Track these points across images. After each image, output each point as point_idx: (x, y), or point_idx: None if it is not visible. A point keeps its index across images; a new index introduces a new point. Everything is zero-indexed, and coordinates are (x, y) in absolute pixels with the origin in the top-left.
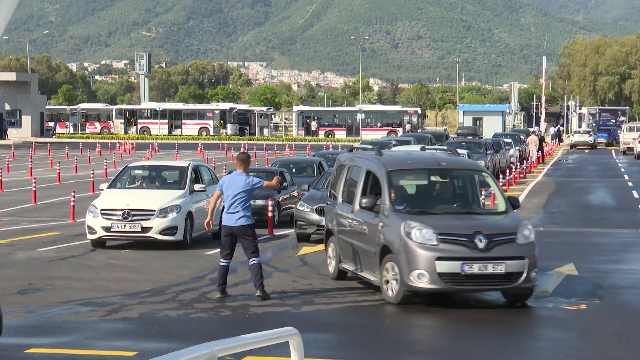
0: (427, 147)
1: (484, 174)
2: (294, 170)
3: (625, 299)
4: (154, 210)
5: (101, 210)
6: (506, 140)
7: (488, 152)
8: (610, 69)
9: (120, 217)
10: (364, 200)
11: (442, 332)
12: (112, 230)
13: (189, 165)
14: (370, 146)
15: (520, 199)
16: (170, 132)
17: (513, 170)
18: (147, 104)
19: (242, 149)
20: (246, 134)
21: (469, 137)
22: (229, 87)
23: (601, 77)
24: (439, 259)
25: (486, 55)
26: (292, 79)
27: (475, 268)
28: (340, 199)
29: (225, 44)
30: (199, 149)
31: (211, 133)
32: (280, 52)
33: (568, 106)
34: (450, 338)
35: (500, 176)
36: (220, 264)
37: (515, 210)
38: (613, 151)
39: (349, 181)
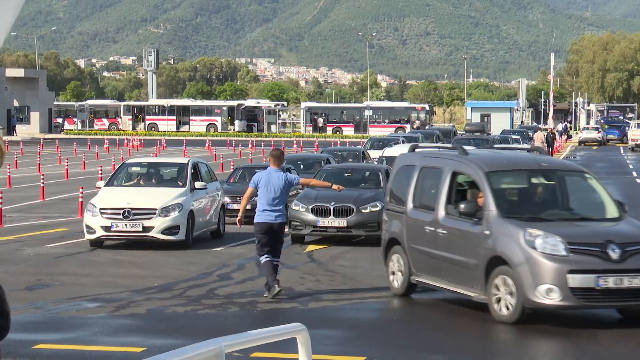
0: (420, 145)
1: (587, 175)
2: (301, 166)
3: None
4: (156, 209)
5: (100, 209)
6: (514, 136)
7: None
8: (618, 66)
9: (121, 216)
10: (464, 206)
11: (450, 329)
12: (112, 229)
13: (188, 162)
14: (432, 145)
15: None
16: (178, 128)
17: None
18: (155, 101)
19: (249, 146)
20: (254, 130)
21: (476, 134)
22: (236, 83)
23: (609, 74)
24: (571, 271)
25: (494, 52)
26: (300, 76)
27: (611, 282)
28: (410, 204)
29: (233, 40)
30: (206, 145)
31: (219, 130)
32: (288, 49)
33: (576, 103)
34: (459, 335)
35: None
36: (264, 260)
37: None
38: (621, 148)
39: (424, 184)
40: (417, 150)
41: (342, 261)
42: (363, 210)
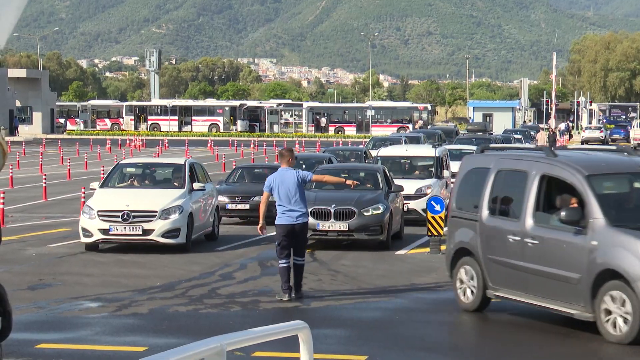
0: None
1: None
2: (303, 166)
3: None
4: (156, 212)
5: (98, 211)
6: (516, 136)
7: None
8: (620, 65)
9: (120, 219)
10: (567, 213)
11: (451, 328)
12: (110, 232)
13: (185, 162)
14: (501, 145)
15: None
16: (180, 128)
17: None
18: (157, 101)
19: (252, 146)
20: (256, 130)
21: (479, 133)
22: (239, 83)
23: (612, 73)
24: None
25: (496, 52)
26: (302, 76)
27: None
28: (485, 211)
29: (235, 40)
30: (209, 145)
31: (221, 130)
32: (290, 49)
33: (578, 102)
34: (460, 333)
35: None
36: (282, 265)
37: None
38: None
39: (502, 189)
40: (487, 151)
41: (345, 261)
42: (365, 213)
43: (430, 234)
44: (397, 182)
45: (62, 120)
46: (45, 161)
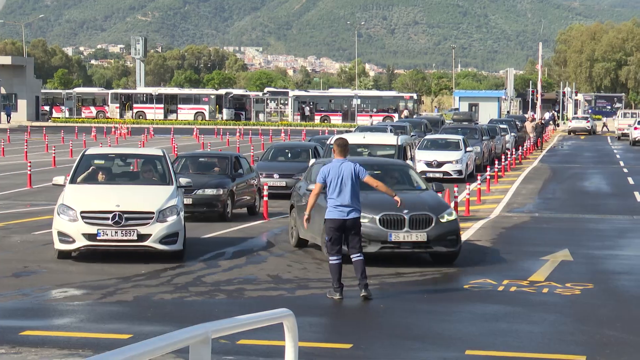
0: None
1: None
2: (289, 155)
3: (620, 284)
4: (153, 213)
5: (82, 212)
6: (502, 126)
7: (484, 138)
8: (606, 56)
9: (110, 222)
10: None
11: (437, 316)
12: (98, 238)
13: (164, 153)
14: None
15: (516, 184)
16: (166, 116)
17: (508, 156)
18: (142, 89)
19: (237, 134)
20: (242, 118)
21: (464, 123)
22: (224, 72)
23: (597, 64)
24: None
25: (482, 42)
26: (288, 64)
27: None
28: None
29: (221, 28)
30: (194, 133)
31: (207, 118)
32: (277, 37)
33: (564, 92)
34: (445, 322)
35: (496, 162)
36: (332, 262)
37: None
38: (609, 137)
39: None
40: None
41: None
42: (441, 220)
43: None
44: None
45: (47, 108)
46: (30, 149)
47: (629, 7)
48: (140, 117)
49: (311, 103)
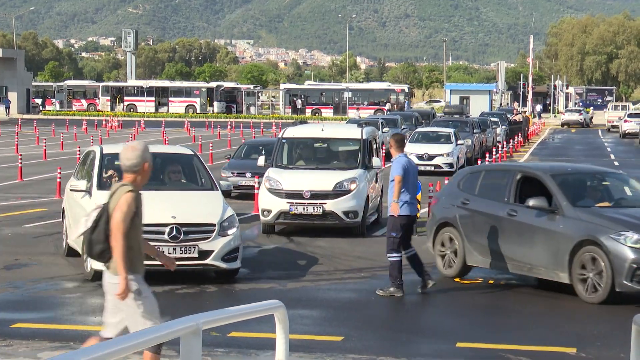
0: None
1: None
2: (262, 152)
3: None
4: (214, 225)
5: None
6: (493, 119)
7: (475, 131)
8: (597, 49)
9: (166, 237)
10: None
11: (428, 309)
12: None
13: (194, 154)
14: None
15: None
16: (157, 109)
17: (499, 149)
18: (133, 82)
19: (228, 127)
20: (233, 111)
21: (456, 116)
22: (215, 65)
23: (588, 57)
24: None
25: (473, 35)
26: (279, 57)
27: None
28: None
29: (212, 21)
30: (185, 126)
31: (198, 111)
32: (268, 30)
33: (555, 85)
34: (436, 315)
35: (487, 155)
36: (396, 258)
37: None
38: (599, 130)
39: None
40: None
41: (321, 242)
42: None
43: None
44: (307, 174)
45: (38, 101)
46: (21, 141)
47: (620, 0)
48: (131, 110)
49: (302, 96)
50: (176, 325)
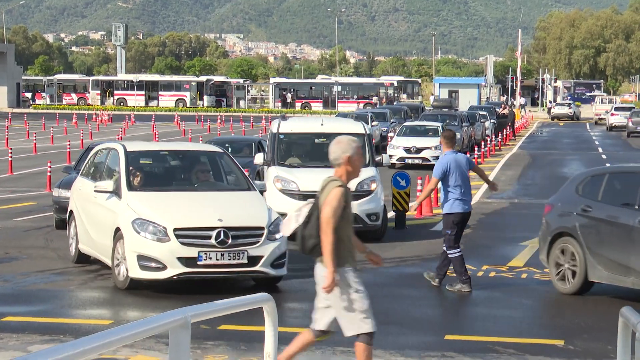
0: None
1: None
2: (229, 150)
3: None
4: (263, 229)
5: (176, 229)
6: (481, 112)
7: (463, 124)
8: (585, 43)
9: (214, 241)
10: None
11: (417, 302)
12: (199, 263)
13: (224, 152)
14: None
15: (495, 171)
16: (147, 103)
17: (488, 142)
18: (123, 76)
19: (218, 121)
20: (223, 105)
21: (444, 110)
22: (205, 59)
23: (576, 51)
24: None
25: (462, 29)
26: (269, 51)
27: None
28: None
29: (202, 15)
30: (175, 120)
31: (188, 105)
32: (257, 24)
33: (543, 79)
34: (425, 307)
35: (476, 148)
36: (456, 255)
37: None
38: (587, 124)
39: None
40: None
41: None
42: None
43: (395, 210)
44: (321, 173)
45: (28, 95)
46: (11, 135)
47: None
48: (121, 104)
49: (292, 90)
50: (165, 319)
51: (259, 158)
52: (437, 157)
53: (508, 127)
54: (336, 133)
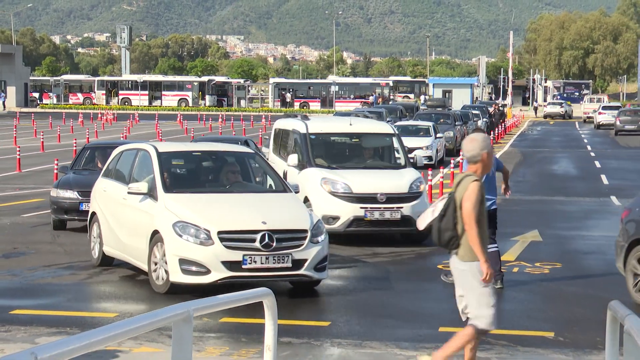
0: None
1: None
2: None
3: (586, 264)
4: (307, 231)
5: (220, 232)
6: (474, 112)
7: (456, 123)
8: (574, 44)
9: (259, 245)
10: None
11: (412, 295)
12: (244, 267)
13: (256, 152)
14: None
15: None
16: (150, 103)
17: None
18: (128, 76)
19: (220, 120)
20: (224, 105)
21: (438, 109)
22: (207, 60)
23: (566, 52)
24: None
25: (455, 30)
26: (269, 53)
27: None
28: None
29: (204, 17)
30: (178, 119)
31: (190, 104)
32: (257, 26)
33: (534, 79)
34: (420, 300)
35: None
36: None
37: None
38: (577, 123)
39: None
40: None
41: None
42: None
43: None
44: (370, 175)
45: (35, 95)
46: (19, 134)
47: None
48: (126, 103)
49: (291, 90)
50: (168, 312)
51: (293, 159)
52: (428, 157)
53: (500, 126)
54: (366, 133)
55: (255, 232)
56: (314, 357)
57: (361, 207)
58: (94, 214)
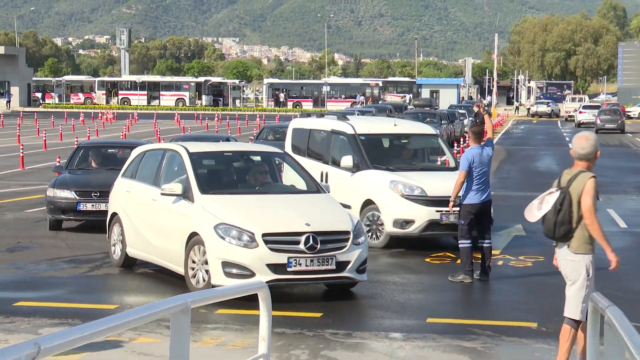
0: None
1: None
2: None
3: None
4: (349, 233)
5: (264, 234)
6: (460, 111)
7: (443, 122)
8: (557, 46)
9: (303, 248)
10: None
11: (400, 287)
12: (289, 269)
13: (284, 152)
14: None
15: None
16: (149, 102)
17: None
18: (127, 77)
19: (216, 119)
20: (220, 104)
21: (425, 108)
22: (203, 61)
23: (548, 53)
24: None
25: (442, 33)
26: (263, 54)
27: None
28: None
29: (200, 20)
30: (175, 118)
31: (187, 104)
32: (252, 29)
33: (518, 80)
34: (408, 292)
35: (455, 144)
36: (465, 245)
37: None
38: (559, 122)
39: None
40: None
41: None
42: None
43: None
44: (428, 177)
45: (38, 95)
46: (23, 132)
47: (578, 0)
48: (125, 103)
49: (284, 90)
50: (167, 304)
51: (348, 160)
52: None
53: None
54: (412, 134)
55: (300, 234)
56: (307, 346)
57: (437, 211)
58: (114, 214)
